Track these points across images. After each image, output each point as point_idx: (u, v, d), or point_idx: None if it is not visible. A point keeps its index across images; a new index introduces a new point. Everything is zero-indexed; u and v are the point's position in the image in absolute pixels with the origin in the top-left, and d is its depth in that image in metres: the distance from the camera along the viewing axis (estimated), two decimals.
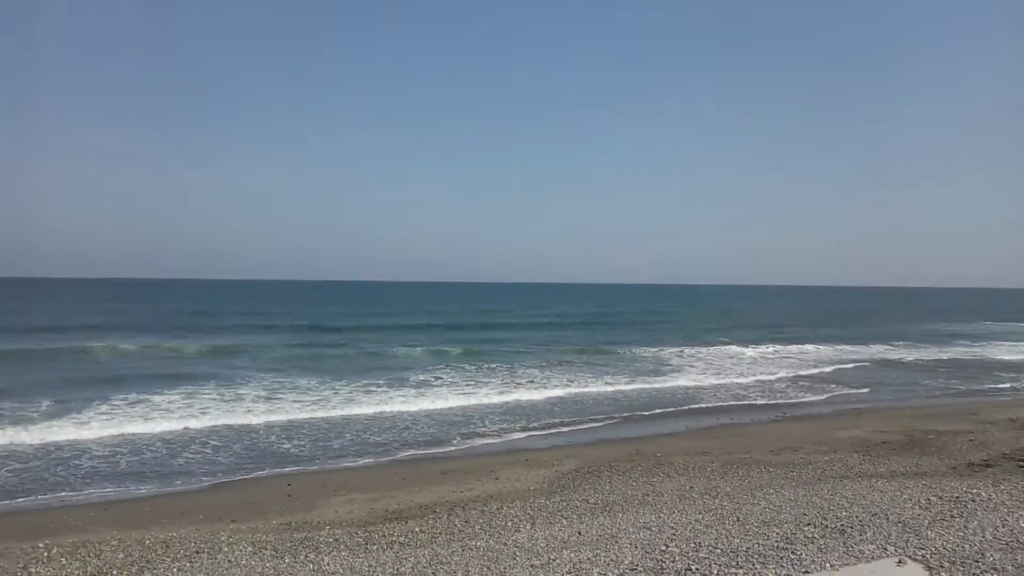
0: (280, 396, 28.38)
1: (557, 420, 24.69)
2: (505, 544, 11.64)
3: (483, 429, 23.24)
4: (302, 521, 13.78)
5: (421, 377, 34.51)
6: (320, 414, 24.96)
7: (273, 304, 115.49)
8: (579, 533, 12.18)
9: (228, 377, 33.45)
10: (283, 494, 15.93)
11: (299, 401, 27.29)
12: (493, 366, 38.65)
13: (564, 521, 13.16)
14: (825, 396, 30.60)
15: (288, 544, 12.07)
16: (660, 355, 45.45)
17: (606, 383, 33.02)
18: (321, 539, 12.34)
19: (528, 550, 11.24)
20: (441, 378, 34.18)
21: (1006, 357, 47.36)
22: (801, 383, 34.44)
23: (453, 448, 20.88)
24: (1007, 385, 34.72)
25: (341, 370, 36.77)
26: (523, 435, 22.53)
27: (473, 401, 27.88)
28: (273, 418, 24.20)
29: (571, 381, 33.42)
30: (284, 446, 20.58)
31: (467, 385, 31.89)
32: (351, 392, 29.52)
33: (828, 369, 39.58)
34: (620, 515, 13.32)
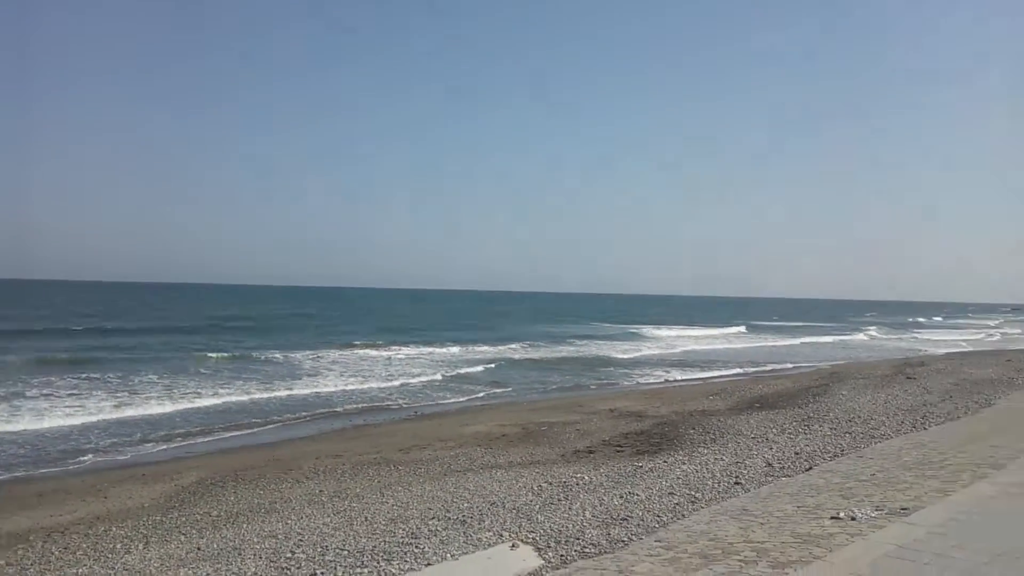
0: None
1: (181, 431, 22.94)
2: (113, 568, 10.54)
3: (90, 445, 20.85)
4: None
5: (13, 389, 29.96)
6: None
7: None
8: (199, 549, 11.39)
9: None
10: None
11: None
12: (109, 376, 34.92)
13: (182, 537, 12.25)
14: (461, 395, 32.04)
15: None
16: (297, 359, 44.49)
17: (238, 390, 31.46)
18: None
19: (139, 572, 10.25)
20: (48, 394, 29.87)
21: (615, 355, 53.43)
22: (438, 383, 35.77)
23: (53, 468, 18.49)
24: (604, 381, 39.08)
25: None
26: (139, 449, 20.65)
27: (79, 417, 24.71)
28: None
29: (200, 389, 31.34)
30: None
31: (71, 397, 28.36)
32: None
33: (466, 370, 41.52)
34: (245, 526, 12.70)
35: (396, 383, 35.28)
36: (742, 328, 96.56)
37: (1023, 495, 9.33)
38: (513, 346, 59.40)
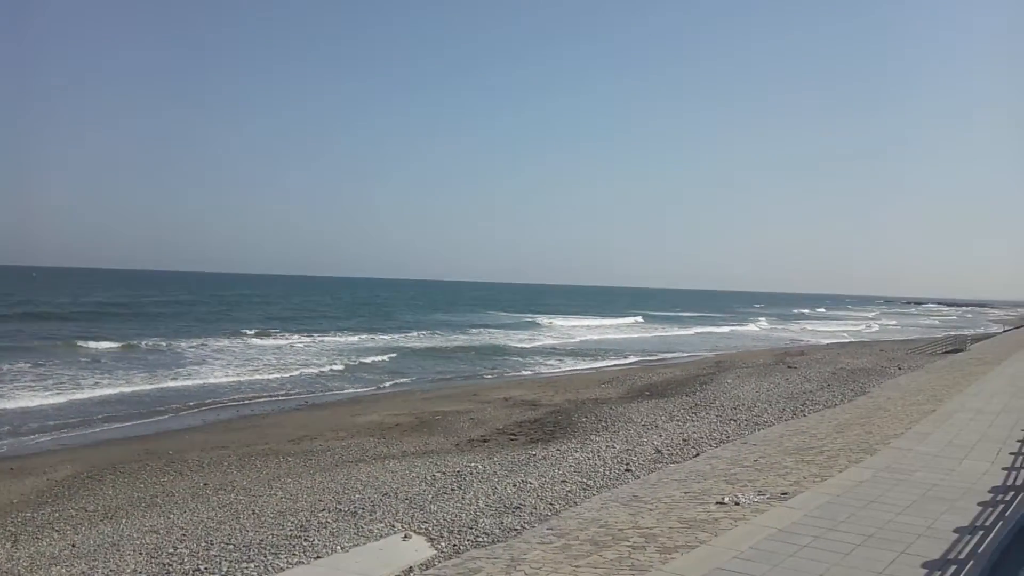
0: None
1: (55, 423, 21.71)
2: None
3: None
4: None
5: None
6: None
7: None
8: (73, 546, 10.85)
9: None
10: None
11: None
12: None
13: (55, 534, 11.64)
14: (354, 384, 31.47)
15: None
16: (181, 347, 42.85)
17: (119, 380, 30.03)
18: None
19: (6, 572, 9.69)
20: None
21: (511, 344, 53.66)
22: (331, 373, 35.00)
23: None
24: (499, 370, 39.25)
25: None
26: (8, 442, 19.46)
27: None
28: None
29: (78, 380, 29.77)
30: None
31: None
32: None
33: (360, 359, 40.74)
34: (124, 521, 12.17)
35: (286, 373, 34.38)
36: (639, 318, 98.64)
37: (893, 479, 9.82)
38: (410, 335, 58.95)
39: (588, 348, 53.49)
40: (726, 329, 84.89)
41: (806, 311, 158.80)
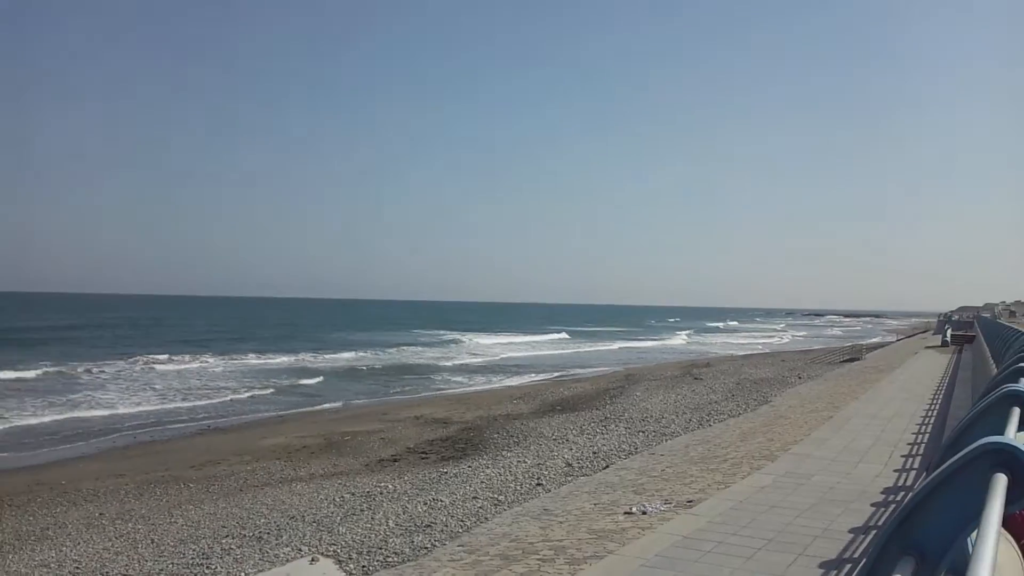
0: None
1: None
2: None
3: None
4: None
5: None
6: None
7: None
8: None
9: None
10: None
11: None
12: None
13: None
14: (260, 406, 30.60)
15: None
16: (76, 373, 40.95)
17: (4, 409, 28.40)
18: None
19: None
20: None
21: (426, 362, 53.26)
22: (236, 395, 33.94)
23: None
24: (411, 388, 38.87)
25: None
26: None
27: None
28: None
29: None
30: None
31: None
32: None
33: (267, 381, 39.77)
34: (11, 556, 11.53)
35: (189, 397, 33.23)
36: (563, 334, 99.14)
37: (793, 484, 10.12)
38: (321, 355, 57.76)
39: (507, 364, 53.47)
40: (649, 343, 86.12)
41: (720, 325, 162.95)
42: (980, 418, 3.82)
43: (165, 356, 52.33)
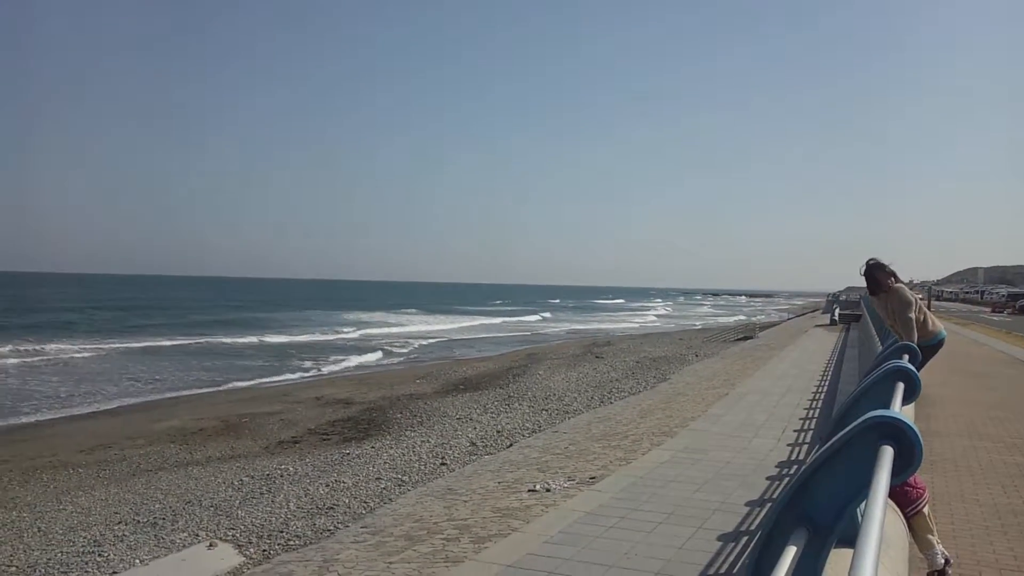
0: None
1: None
2: None
3: None
4: None
5: None
6: None
7: None
8: None
9: None
10: None
11: None
12: None
13: None
14: (158, 387, 29.54)
15: None
16: None
17: None
18: None
19: None
20: None
21: (325, 340, 52.47)
22: (131, 373, 32.65)
23: None
24: (309, 369, 38.27)
25: None
26: None
27: None
28: None
29: None
30: None
31: None
32: None
33: (159, 360, 38.40)
34: None
35: (78, 378, 31.88)
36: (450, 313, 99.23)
37: (691, 459, 10.42)
38: (214, 334, 56.18)
39: (397, 341, 53.19)
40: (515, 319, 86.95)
41: (608, 302, 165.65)
42: (867, 393, 4.02)
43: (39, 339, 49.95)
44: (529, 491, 9.17)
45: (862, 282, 8.25)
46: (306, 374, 35.40)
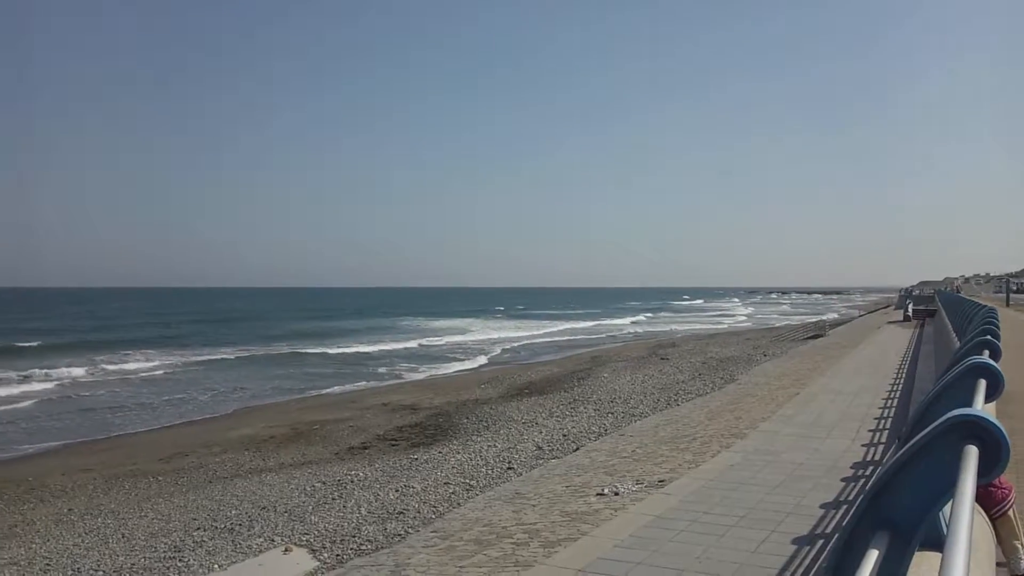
0: None
1: None
2: None
3: None
4: None
5: None
6: None
7: None
8: None
9: None
10: None
11: None
12: None
13: None
14: (227, 398, 30.24)
15: None
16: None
17: None
18: None
19: None
20: None
21: (385, 348, 53.04)
22: (202, 387, 33.47)
23: None
24: (377, 375, 38.68)
25: None
26: None
27: None
28: None
29: None
30: None
31: None
32: None
33: (236, 370, 39.30)
34: None
35: (153, 391, 32.86)
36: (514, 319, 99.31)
37: (762, 461, 10.26)
38: (280, 344, 57.09)
39: (470, 348, 53.40)
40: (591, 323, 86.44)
41: (686, 303, 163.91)
42: (947, 391, 3.89)
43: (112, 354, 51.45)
44: (597, 495, 9.13)
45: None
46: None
